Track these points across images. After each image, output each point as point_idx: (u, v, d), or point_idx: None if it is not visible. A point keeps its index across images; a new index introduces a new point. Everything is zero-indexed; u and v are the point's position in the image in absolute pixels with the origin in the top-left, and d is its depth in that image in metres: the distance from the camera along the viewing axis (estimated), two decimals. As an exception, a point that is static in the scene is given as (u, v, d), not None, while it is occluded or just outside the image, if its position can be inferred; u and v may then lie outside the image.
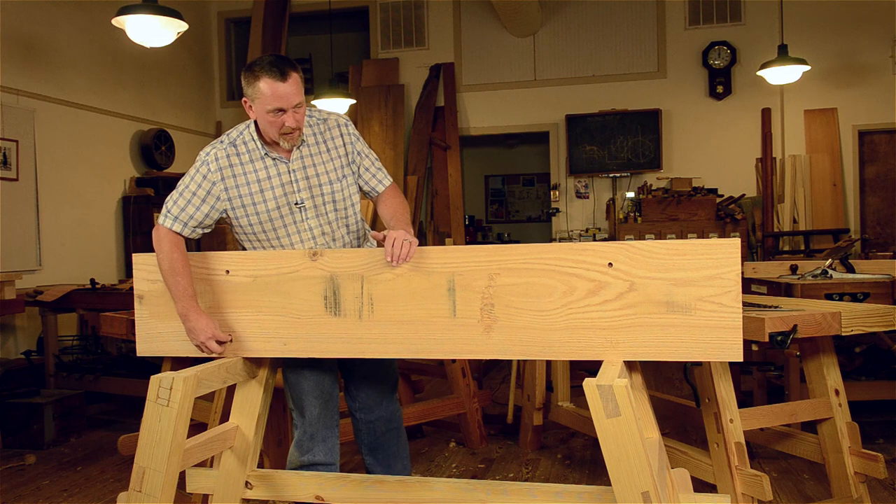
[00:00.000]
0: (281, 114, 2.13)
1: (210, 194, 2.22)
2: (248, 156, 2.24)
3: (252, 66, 2.16)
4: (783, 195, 7.16)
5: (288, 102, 2.12)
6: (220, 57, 8.48)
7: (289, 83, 2.12)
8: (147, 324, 2.28)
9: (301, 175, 2.25)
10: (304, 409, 2.35)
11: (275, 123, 2.15)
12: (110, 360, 5.04)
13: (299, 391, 2.34)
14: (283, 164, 2.24)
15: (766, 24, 7.26)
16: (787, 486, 3.22)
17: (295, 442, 2.40)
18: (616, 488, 1.68)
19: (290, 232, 2.26)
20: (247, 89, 2.16)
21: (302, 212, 2.26)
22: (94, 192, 6.45)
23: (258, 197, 2.22)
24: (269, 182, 2.23)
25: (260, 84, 2.11)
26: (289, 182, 2.24)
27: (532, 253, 1.97)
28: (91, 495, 3.38)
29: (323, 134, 2.31)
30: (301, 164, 2.26)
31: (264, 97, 2.12)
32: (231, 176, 2.22)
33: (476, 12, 7.87)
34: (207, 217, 2.24)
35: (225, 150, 2.24)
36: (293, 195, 2.24)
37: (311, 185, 2.26)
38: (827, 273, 3.92)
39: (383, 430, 2.52)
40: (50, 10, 6.02)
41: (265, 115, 2.14)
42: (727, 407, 2.34)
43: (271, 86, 2.10)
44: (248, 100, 2.19)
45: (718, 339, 1.82)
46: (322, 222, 2.28)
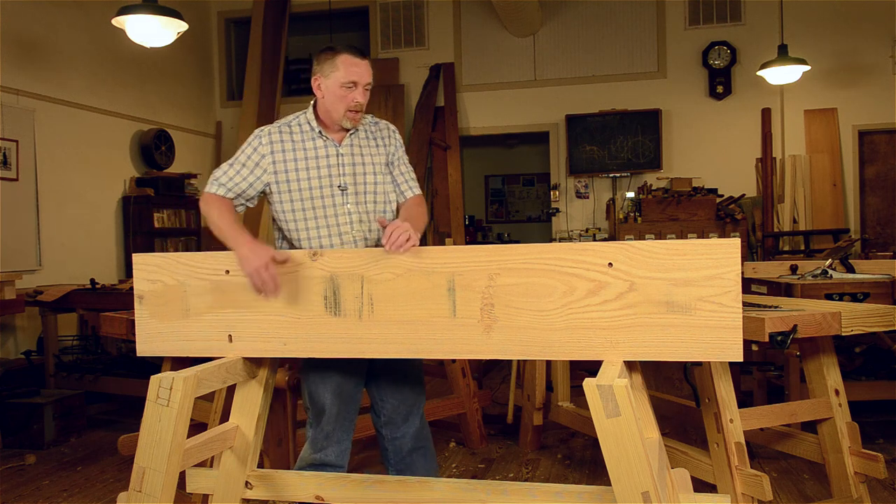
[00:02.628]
0: (353, 88, 2.26)
1: (258, 166, 2.31)
2: (301, 135, 2.34)
3: (334, 45, 2.31)
4: (783, 195, 7.16)
5: (361, 78, 2.27)
6: (220, 57, 8.48)
7: (365, 63, 2.29)
8: (147, 324, 2.28)
9: (348, 161, 2.34)
10: (324, 407, 2.34)
11: (345, 98, 2.27)
12: (110, 360, 5.04)
13: (321, 389, 2.34)
14: (334, 146, 2.34)
15: (766, 24, 7.26)
16: (787, 486, 3.22)
17: (309, 439, 2.39)
18: (616, 488, 1.68)
19: (329, 214, 2.32)
20: (321, 66, 2.29)
21: (344, 195, 2.32)
22: (94, 192, 6.45)
23: (303, 173, 2.30)
24: (317, 161, 2.32)
25: (338, 59, 2.25)
26: (336, 164, 2.33)
27: (532, 253, 1.97)
28: (91, 495, 3.38)
29: (374, 132, 2.44)
30: (350, 150, 2.35)
31: (340, 70, 2.25)
32: (280, 150, 2.31)
33: (476, 12, 7.87)
34: (251, 187, 2.32)
35: (278, 128, 2.36)
36: (338, 178, 2.32)
37: (356, 172, 2.35)
38: (827, 273, 3.92)
39: (410, 447, 2.48)
40: (50, 10, 6.02)
41: (338, 89, 2.26)
42: (727, 407, 2.34)
43: (350, 60, 2.26)
44: (319, 76, 2.29)
45: (718, 339, 1.82)
46: (360, 210, 2.35)
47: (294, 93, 8.58)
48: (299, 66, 8.76)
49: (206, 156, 8.23)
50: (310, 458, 2.37)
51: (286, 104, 8.15)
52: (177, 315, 2.23)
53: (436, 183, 7.74)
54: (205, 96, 8.27)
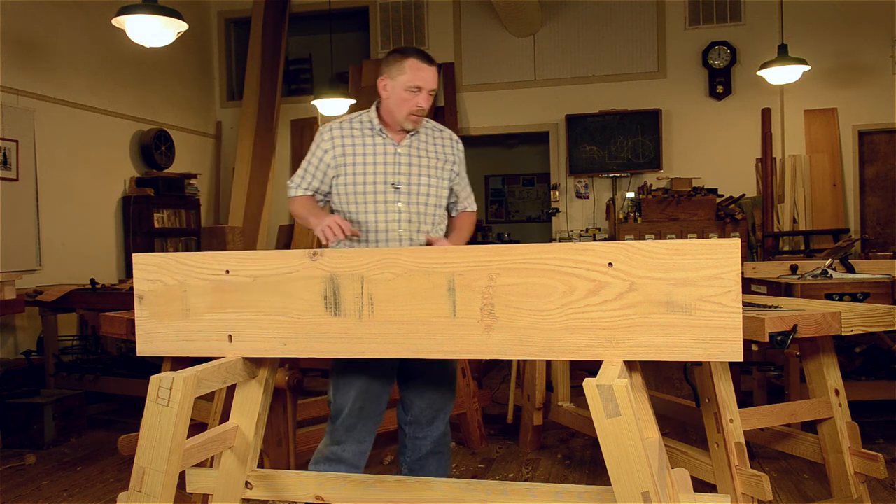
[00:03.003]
0: (417, 93, 2.34)
1: (322, 161, 2.43)
2: (361, 132, 2.43)
3: (403, 49, 2.41)
4: (783, 195, 7.16)
5: (426, 84, 2.35)
6: (220, 57, 8.48)
7: (432, 69, 2.37)
8: (147, 324, 2.28)
9: (405, 160, 2.42)
10: (347, 400, 2.34)
11: (409, 101, 2.35)
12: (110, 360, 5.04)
13: (347, 384, 2.35)
14: (392, 145, 2.42)
15: (766, 24, 7.26)
16: (787, 486, 3.22)
17: (328, 432, 2.39)
18: (616, 488, 1.68)
19: (379, 210, 2.39)
20: (389, 67, 2.37)
21: (397, 193, 2.39)
22: (94, 192, 6.45)
23: (360, 168, 2.38)
24: (374, 158, 2.39)
25: (406, 63, 2.34)
26: (393, 163, 2.40)
27: (532, 253, 1.97)
28: (91, 495, 3.38)
29: (435, 137, 2.52)
30: (408, 151, 2.43)
31: (408, 74, 2.33)
32: (341, 145, 2.41)
33: (476, 12, 7.87)
34: (322, 183, 2.45)
35: (340, 124, 2.45)
36: (392, 176, 2.40)
37: (411, 172, 2.42)
38: (827, 273, 3.92)
39: (428, 450, 2.50)
40: (50, 10, 6.02)
41: (402, 91, 2.34)
42: (727, 407, 2.34)
43: (418, 66, 2.34)
44: (386, 77, 2.38)
45: (718, 339, 1.82)
46: (411, 210, 2.41)
47: (294, 93, 8.58)
48: (299, 66, 8.76)
49: (206, 156, 8.23)
50: (326, 450, 2.37)
51: (286, 104, 8.15)
52: (177, 315, 2.23)
53: (436, 183, 7.75)
54: (205, 96, 8.27)
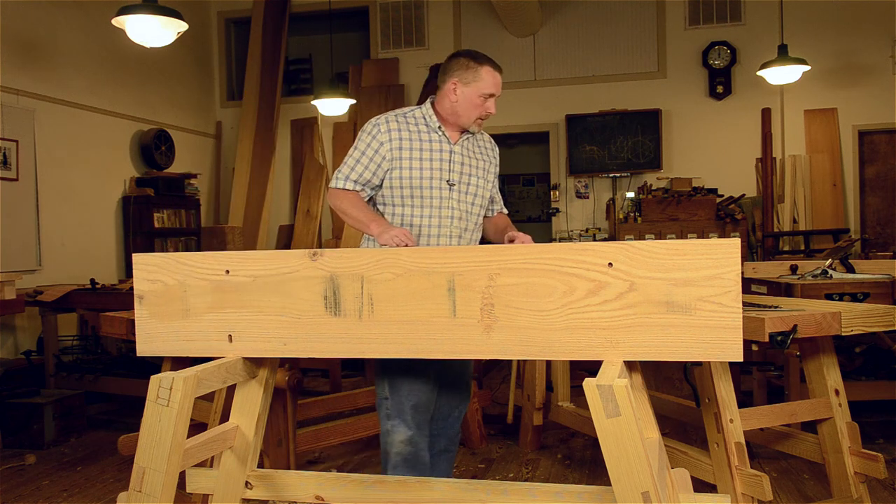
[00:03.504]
0: (488, 99, 2.41)
1: (377, 153, 2.40)
2: (417, 127, 2.45)
3: (474, 54, 2.43)
4: (783, 195, 7.16)
5: (498, 90, 2.44)
6: (220, 57, 8.48)
7: (501, 76, 2.46)
8: (147, 324, 2.28)
9: (458, 159, 2.47)
10: (410, 398, 2.38)
11: (479, 107, 2.42)
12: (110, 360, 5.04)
13: (408, 382, 2.37)
14: (448, 143, 2.46)
15: (766, 24, 7.26)
16: (787, 486, 3.22)
17: (393, 432, 2.39)
18: (616, 488, 1.68)
19: (434, 205, 2.42)
20: (463, 72, 2.40)
21: (450, 190, 2.44)
22: (94, 192, 6.45)
23: (416, 163, 2.40)
24: (430, 154, 2.42)
25: (483, 70, 2.39)
26: (448, 160, 2.44)
27: (532, 253, 1.97)
28: (91, 495, 3.38)
29: (478, 140, 2.60)
30: (461, 150, 2.48)
31: (484, 82, 2.40)
32: (398, 139, 2.41)
33: (476, 12, 7.87)
34: (375, 175, 2.43)
35: (395, 117, 2.45)
36: (447, 172, 2.44)
37: (463, 171, 2.47)
38: (827, 273, 3.92)
39: (441, 448, 2.56)
40: (50, 10, 6.02)
41: (475, 97, 2.40)
42: (727, 407, 2.34)
43: (493, 75, 2.41)
44: (458, 82, 2.41)
45: (718, 339, 1.82)
46: (462, 208, 2.46)
47: (294, 93, 8.58)
48: (299, 66, 8.76)
49: (206, 156, 8.23)
50: (405, 451, 2.38)
51: (286, 104, 8.15)
52: (177, 315, 2.23)
53: (436, 183, 7.75)
54: (205, 96, 8.27)
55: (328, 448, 3.90)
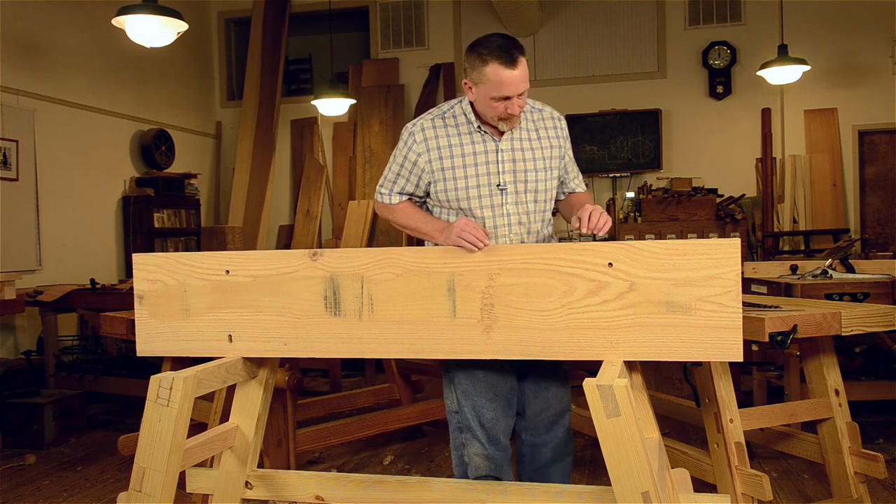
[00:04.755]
0: (505, 101, 2.06)
1: (416, 165, 2.19)
2: (456, 128, 2.17)
3: (479, 48, 2.06)
4: (783, 195, 7.16)
5: (514, 90, 2.05)
6: (220, 57, 8.48)
7: (517, 70, 2.03)
8: (147, 324, 2.28)
9: (508, 157, 2.18)
10: (481, 414, 2.21)
11: (496, 109, 2.08)
12: (110, 360, 5.04)
13: (476, 395, 2.21)
14: (493, 142, 2.18)
15: (766, 24, 7.25)
16: (787, 486, 3.22)
17: (477, 455, 2.22)
18: (616, 488, 1.68)
19: (486, 215, 2.18)
20: (470, 71, 2.08)
21: (503, 195, 2.18)
22: (94, 192, 6.44)
23: (460, 171, 2.16)
24: (474, 158, 2.16)
25: (487, 69, 2.03)
26: (495, 161, 2.17)
27: (532, 253, 1.97)
28: (91, 495, 3.38)
29: (536, 122, 2.25)
30: (510, 146, 2.19)
31: (490, 84, 2.04)
32: (436, 147, 2.17)
33: (476, 12, 7.87)
34: (417, 188, 2.24)
35: (432, 121, 2.20)
36: (496, 176, 2.17)
37: (517, 169, 2.18)
38: (827, 273, 3.92)
39: (549, 459, 2.33)
40: (50, 10, 6.02)
41: (487, 99, 2.07)
42: (727, 407, 2.34)
43: (499, 73, 2.02)
44: (470, 81, 2.11)
45: (718, 339, 1.82)
46: (520, 210, 2.20)
47: (294, 93, 8.57)
48: (299, 66, 8.76)
49: (206, 156, 8.23)
50: (484, 466, 2.22)
51: (286, 104, 8.15)
52: (177, 315, 2.23)
53: (436, 183, 7.75)
54: (205, 96, 8.27)
55: (328, 448, 3.90)
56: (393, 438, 4.16)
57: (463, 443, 2.27)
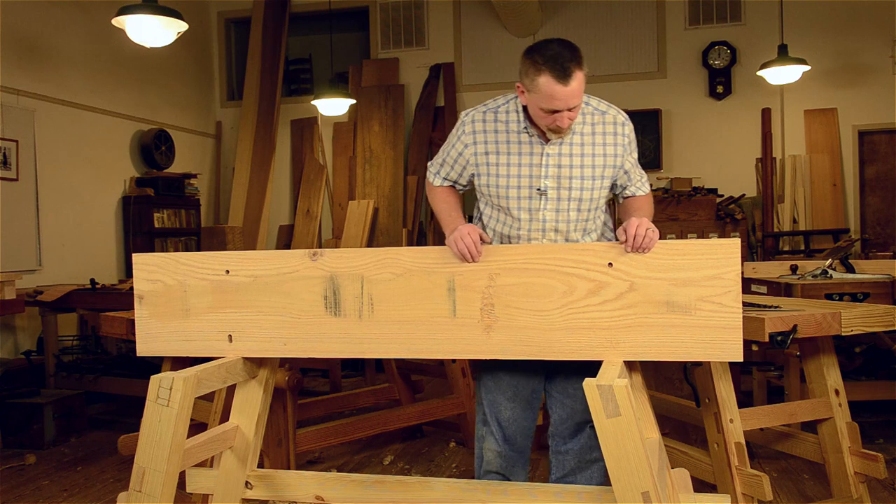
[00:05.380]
0: (554, 114, 1.99)
1: (461, 155, 2.18)
2: (507, 126, 2.12)
3: (535, 54, 1.97)
4: (783, 195, 7.16)
5: (564, 105, 1.97)
6: (220, 57, 8.48)
7: (571, 86, 1.94)
8: (147, 324, 2.28)
9: (554, 162, 2.10)
10: (498, 412, 2.24)
11: (545, 119, 2.02)
12: (110, 360, 5.05)
13: (495, 394, 2.24)
14: (540, 144, 2.10)
15: (766, 24, 7.25)
16: (787, 486, 3.22)
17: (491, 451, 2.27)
18: (616, 488, 1.68)
19: (522, 217, 2.13)
20: (524, 77, 2.00)
21: (542, 200, 2.11)
22: (94, 192, 6.45)
23: (503, 169, 2.11)
24: (519, 158, 2.10)
25: (540, 80, 1.94)
26: (538, 165, 2.10)
27: (532, 253, 1.97)
28: (91, 495, 3.38)
29: (595, 126, 2.15)
30: (558, 150, 2.10)
31: (541, 95, 1.96)
32: (483, 142, 2.13)
33: (476, 12, 7.87)
34: (461, 176, 2.24)
35: (483, 114, 2.15)
36: (538, 180, 2.10)
37: (561, 175, 2.10)
38: (827, 273, 3.92)
39: (573, 466, 2.28)
40: (50, 10, 6.02)
41: (537, 109, 2.01)
42: (727, 407, 2.34)
43: (551, 86, 1.93)
44: (522, 87, 2.03)
45: (718, 339, 1.83)
46: (559, 218, 2.13)
47: (294, 93, 8.57)
48: (299, 66, 8.76)
49: (206, 156, 8.23)
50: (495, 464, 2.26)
51: (286, 104, 8.15)
52: (177, 315, 2.23)
53: (436, 183, 7.74)
54: (205, 96, 8.27)
55: (328, 448, 3.90)
56: (393, 438, 4.16)
57: (482, 436, 2.31)
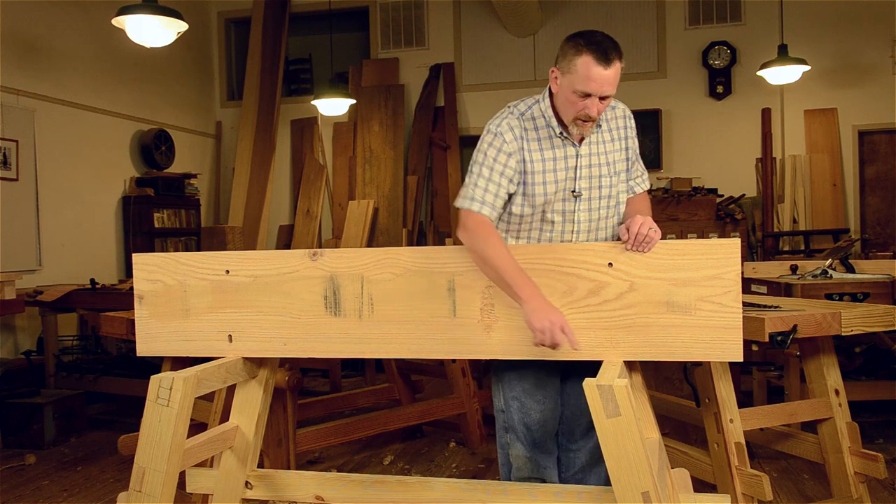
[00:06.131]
0: (586, 98, 1.96)
1: (507, 167, 2.03)
2: (537, 132, 2.07)
3: (578, 38, 1.96)
4: (783, 195, 7.16)
5: (599, 90, 1.95)
6: (220, 57, 8.48)
7: (609, 71, 1.94)
8: (147, 324, 2.28)
9: (586, 162, 2.09)
10: (528, 416, 2.19)
11: (575, 105, 1.98)
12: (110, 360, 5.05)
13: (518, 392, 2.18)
14: (573, 147, 2.08)
15: (766, 24, 7.25)
16: (787, 486, 3.22)
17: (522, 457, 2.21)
18: (616, 488, 1.68)
19: (556, 220, 2.09)
20: (562, 60, 1.98)
21: (577, 202, 2.08)
22: (94, 192, 6.44)
23: (539, 177, 2.05)
24: (554, 164, 2.06)
25: (579, 60, 1.92)
26: (573, 167, 2.07)
27: (532, 253, 1.97)
28: (91, 495, 3.38)
29: (609, 122, 2.16)
30: (588, 150, 2.09)
31: (577, 75, 1.94)
32: (527, 150, 2.05)
33: (476, 12, 7.87)
34: (507, 194, 2.07)
35: (519, 121, 2.07)
36: (572, 182, 2.07)
37: (592, 175, 2.09)
38: (827, 273, 3.92)
39: (584, 463, 2.27)
40: (50, 10, 6.02)
41: (570, 92, 1.97)
42: (727, 407, 2.34)
43: (589, 67, 1.92)
44: (558, 70, 2.00)
45: (718, 339, 1.82)
46: (592, 217, 2.11)
47: (294, 93, 8.57)
48: (299, 66, 8.76)
49: (206, 156, 8.23)
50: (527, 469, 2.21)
51: (286, 104, 8.15)
52: (177, 315, 2.23)
53: (436, 183, 7.74)
54: (205, 96, 8.27)
55: (328, 448, 3.90)
56: (393, 438, 4.16)
57: (507, 442, 2.25)
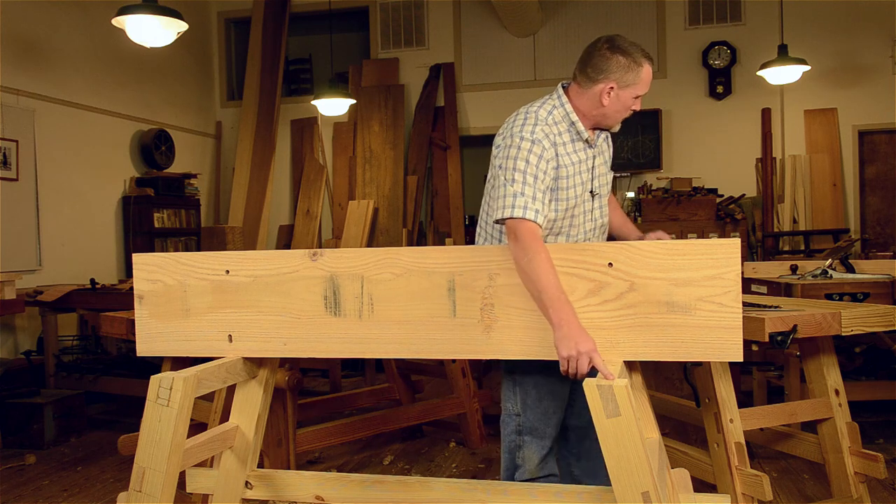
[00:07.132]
0: (637, 99, 2.15)
1: (546, 174, 2.05)
2: (561, 137, 2.13)
3: (631, 51, 2.08)
4: (783, 195, 7.16)
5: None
6: (220, 57, 8.48)
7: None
8: (147, 324, 2.28)
9: (599, 161, 2.24)
10: (548, 418, 2.21)
11: (629, 109, 2.16)
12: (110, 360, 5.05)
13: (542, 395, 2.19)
14: (591, 149, 2.20)
15: (766, 24, 7.25)
16: (787, 486, 3.22)
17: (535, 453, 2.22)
18: (616, 488, 1.68)
19: (576, 223, 2.18)
20: (624, 74, 2.08)
21: (594, 199, 2.21)
22: (94, 192, 6.45)
23: (569, 181, 2.13)
24: (578, 166, 2.15)
25: (643, 72, 2.10)
26: (591, 168, 2.20)
27: (532, 253, 1.97)
28: (91, 495, 3.38)
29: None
30: (600, 150, 2.26)
31: (642, 84, 2.11)
32: (559, 155, 2.10)
33: (476, 12, 7.87)
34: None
35: (547, 124, 2.11)
36: (590, 182, 2.19)
37: (602, 173, 2.25)
38: (827, 273, 3.92)
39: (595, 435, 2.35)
40: (50, 10, 6.02)
41: (629, 100, 2.13)
42: (727, 407, 2.34)
43: (650, 73, 2.13)
44: (615, 85, 2.09)
45: (718, 339, 1.82)
46: (603, 214, 2.27)
47: (294, 93, 8.57)
48: (299, 66, 8.76)
49: (206, 156, 8.23)
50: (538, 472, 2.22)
51: (286, 104, 8.15)
52: (177, 315, 2.23)
53: (436, 183, 7.74)
54: (205, 96, 8.27)
55: (328, 448, 3.90)
56: (393, 438, 4.16)
57: (520, 445, 2.24)
